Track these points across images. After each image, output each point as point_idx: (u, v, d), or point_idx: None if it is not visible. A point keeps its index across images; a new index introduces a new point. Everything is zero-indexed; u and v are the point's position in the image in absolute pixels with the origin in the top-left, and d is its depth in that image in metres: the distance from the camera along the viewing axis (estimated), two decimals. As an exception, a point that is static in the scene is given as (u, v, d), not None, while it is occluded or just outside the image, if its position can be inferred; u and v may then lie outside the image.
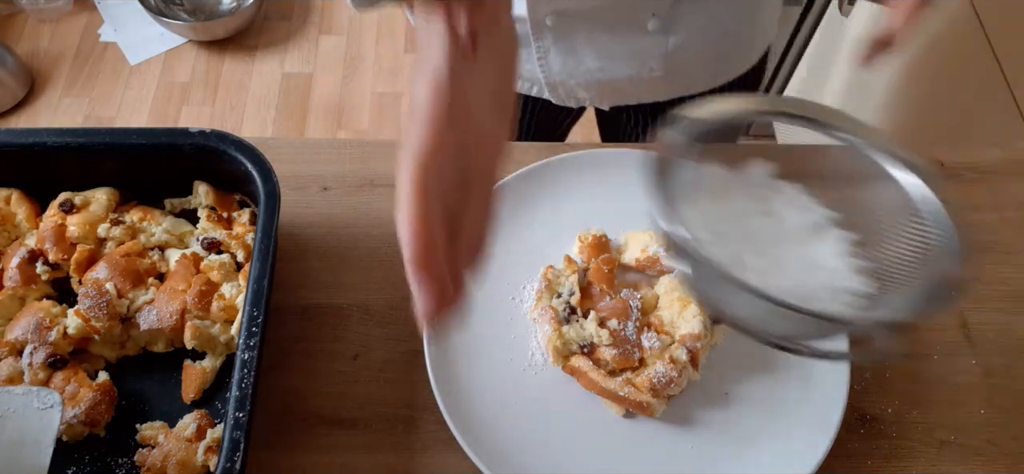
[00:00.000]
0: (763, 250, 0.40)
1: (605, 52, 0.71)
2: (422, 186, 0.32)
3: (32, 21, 2.12)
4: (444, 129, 0.33)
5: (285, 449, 0.56)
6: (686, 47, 0.71)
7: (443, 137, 0.33)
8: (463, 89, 0.34)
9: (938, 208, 0.39)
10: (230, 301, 0.58)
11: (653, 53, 0.71)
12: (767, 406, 0.57)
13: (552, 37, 0.70)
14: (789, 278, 0.40)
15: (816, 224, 0.42)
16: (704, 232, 0.40)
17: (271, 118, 1.97)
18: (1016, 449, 0.57)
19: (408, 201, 0.32)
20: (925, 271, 0.38)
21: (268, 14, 2.17)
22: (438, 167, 0.33)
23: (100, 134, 0.59)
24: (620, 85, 0.75)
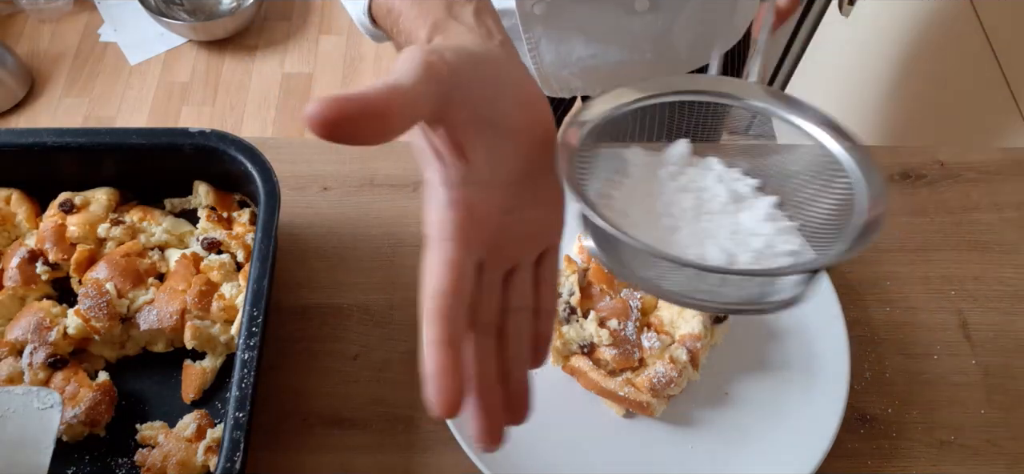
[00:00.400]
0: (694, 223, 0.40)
1: (595, 37, 0.71)
2: (442, 331, 0.28)
3: (32, 21, 2.12)
4: (456, 257, 0.29)
5: (285, 449, 0.56)
6: (674, 27, 0.72)
7: (457, 264, 0.29)
8: (473, 202, 0.31)
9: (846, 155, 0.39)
10: (230, 301, 0.58)
11: (642, 35, 0.72)
12: (767, 406, 0.57)
13: (542, 27, 0.70)
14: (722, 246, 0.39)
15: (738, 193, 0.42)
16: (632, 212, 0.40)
17: (271, 118, 1.97)
18: (1016, 449, 0.57)
19: (428, 346, 0.28)
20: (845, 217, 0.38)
21: (268, 14, 2.17)
22: (456, 303, 0.29)
23: (100, 134, 0.59)
24: (612, 70, 0.75)
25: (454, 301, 0.29)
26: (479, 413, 0.30)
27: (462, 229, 0.30)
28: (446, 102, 0.29)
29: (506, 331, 0.33)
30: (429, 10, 0.37)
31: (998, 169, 0.72)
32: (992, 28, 1.01)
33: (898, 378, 0.60)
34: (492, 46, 0.35)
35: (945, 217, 0.68)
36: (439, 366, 0.27)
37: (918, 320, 0.62)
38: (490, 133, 0.31)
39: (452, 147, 0.30)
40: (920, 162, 0.72)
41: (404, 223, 0.67)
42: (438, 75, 0.28)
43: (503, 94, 0.32)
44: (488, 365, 0.32)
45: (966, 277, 0.65)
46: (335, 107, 0.25)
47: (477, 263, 0.31)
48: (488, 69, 0.32)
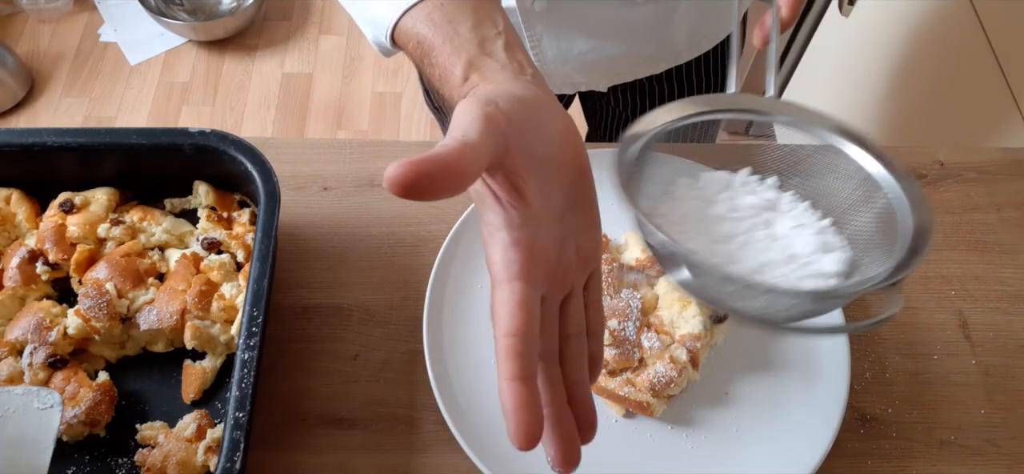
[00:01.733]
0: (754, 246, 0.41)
1: (596, 32, 0.72)
2: (518, 367, 0.29)
3: (32, 21, 2.12)
4: (525, 295, 0.31)
5: (285, 449, 0.56)
6: (673, 18, 0.72)
7: (527, 301, 0.31)
8: (532, 238, 0.32)
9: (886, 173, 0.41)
10: (230, 301, 0.58)
11: (642, 27, 0.72)
12: (767, 406, 0.57)
13: (543, 24, 0.70)
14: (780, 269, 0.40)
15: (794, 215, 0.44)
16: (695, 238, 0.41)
17: (271, 118, 1.97)
18: (1016, 449, 0.57)
19: (505, 382, 0.29)
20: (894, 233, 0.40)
21: (268, 14, 2.17)
22: (530, 338, 0.30)
23: (100, 134, 0.59)
24: (613, 63, 0.76)
25: (527, 338, 0.30)
26: (557, 440, 0.32)
27: (526, 268, 0.32)
28: (504, 150, 0.31)
29: (567, 356, 0.35)
30: (462, 46, 0.38)
31: (998, 169, 0.72)
32: (992, 28, 1.01)
33: (898, 378, 0.60)
34: (527, 82, 0.36)
35: (945, 217, 0.68)
36: (519, 401, 0.29)
37: (918, 320, 0.62)
38: (541, 172, 0.33)
39: (510, 190, 0.32)
40: (920, 162, 0.72)
41: (404, 223, 0.67)
42: (497, 126, 0.31)
43: (548, 133, 0.34)
44: (558, 393, 0.33)
45: (966, 277, 0.65)
46: (414, 169, 0.27)
47: (541, 297, 0.33)
48: (534, 111, 0.34)
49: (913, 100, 1.22)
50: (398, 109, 1.99)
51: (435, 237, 0.65)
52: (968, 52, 1.06)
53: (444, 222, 0.66)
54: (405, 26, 0.42)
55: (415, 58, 0.43)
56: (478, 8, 0.40)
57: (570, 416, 0.33)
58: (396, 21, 0.42)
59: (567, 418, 0.33)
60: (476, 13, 0.40)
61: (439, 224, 0.66)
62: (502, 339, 0.30)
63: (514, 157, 0.32)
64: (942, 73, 1.14)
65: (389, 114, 1.98)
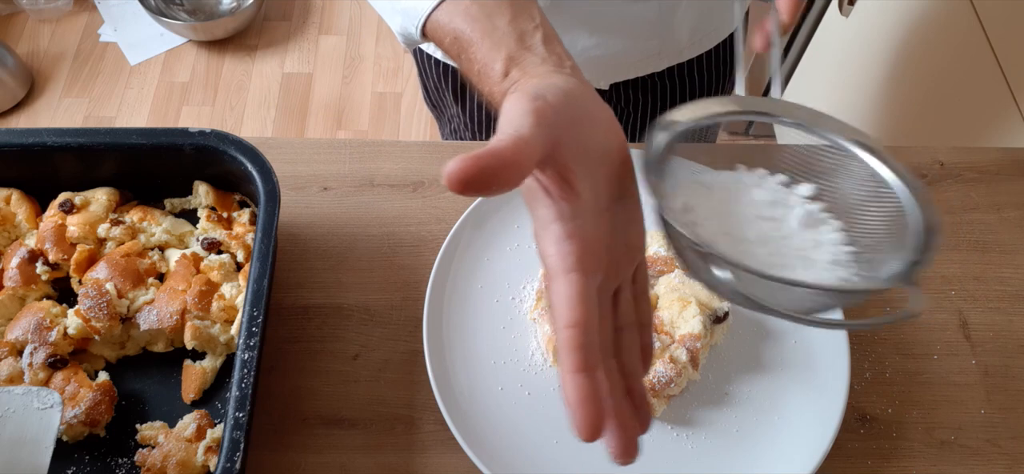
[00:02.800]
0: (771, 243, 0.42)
1: (599, 28, 0.72)
2: (581, 359, 0.30)
3: (32, 21, 2.12)
4: (583, 287, 0.31)
5: (285, 449, 0.56)
6: (675, 14, 0.72)
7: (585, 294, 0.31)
8: (585, 230, 0.32)
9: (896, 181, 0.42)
10: (230, 301, 0.58)
11: (644, 23, 0.72)
12: (767, 406, 0.57)
13: None
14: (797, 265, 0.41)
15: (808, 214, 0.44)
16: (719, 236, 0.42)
17: (271, 118, 1.97)
18: (1016, 449, 0.57)
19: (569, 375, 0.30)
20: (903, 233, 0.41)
21: (268, 14, 2.17)
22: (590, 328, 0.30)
23: (100, 134, 0.59)
24: (616, 60, 0.76)
25: (587, 330, 0.30)
26: (617, 431, 0.32)
27: (581, 260, 0.31)
28: (554, 143, 0.31)
29: (621, 348, 0.35)
30: (502, 41, 0.38)
31: (998, 169, 0.72)
32: (992, 28, 1.01)
33: (898, 378, 0.60)
34: (569, 75, 0.36)
35: (945, 217, 0.68)
36: (582, 394, 0.29)
37: (918, 320, 0.62)
38: (589, 163, 0.33)
39: (560, 183, 0.32)
40: (920, 162, 0.72)
41: (404, 223, 0.67)
42: (546, 120, 0.31)
43: (594, 125, 0.34)
44: (616, 385, 0.33)
45: (966, 277, 0.65)
46: (474, 164, 0.27)
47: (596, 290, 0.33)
48: (579, 104, 0.34)
49: (913, 100, 1.22)
50: (398, 109, 1.99)
51: (435, 237, 0.65)
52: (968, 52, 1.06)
53: (444, 222, 0.66)
54: (440, 20, 0.42)
55: (451, 53, 0.42)
56: (515, 1, 0.40)
57: (628, 407, 0.33)
58: (429, 13, 0.42)
59: (625, 409, 0.33)
60: (513, 6, 0.39)
61: (439, 224, 0.66)
62: (564, 331, 0.30)
63: (564, 150, 0.32)
64: (942, 73, 1.14)
65: (389, 114, 1.98)
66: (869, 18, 1.31)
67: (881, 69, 1.29)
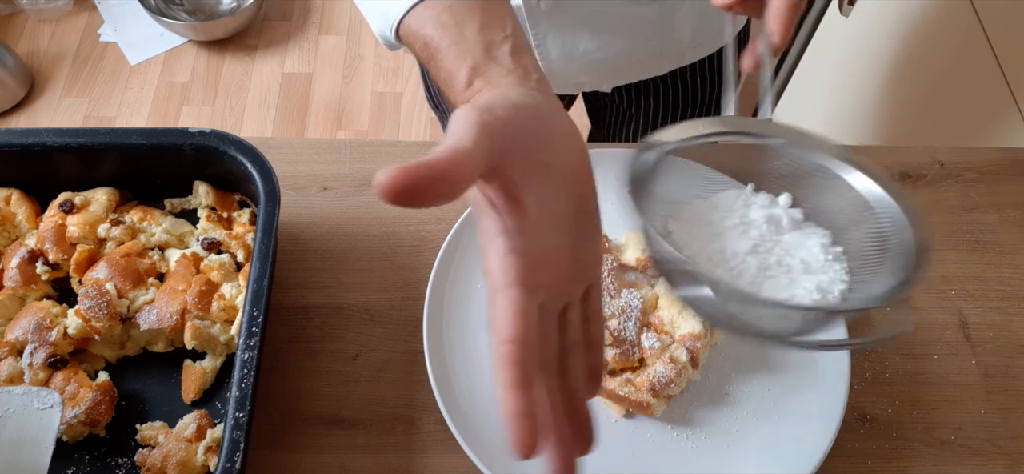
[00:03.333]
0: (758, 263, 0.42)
1: (600, 29, 0.72)
2: (517, 374, 0.29)
3: (32, 21, 2.12)
4: (523, 303, 0.31)
5: (285, 449, 0.56)
6: (678, 14, 0.72)
7: (524, 309, 0.31)
8: (530, 246, 0.32)
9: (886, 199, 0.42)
10: (230, 301, 0.58)
11: (646, 25, 0.72)
12: (767, 406, 0.57)
13: (548, 22, 0.71)
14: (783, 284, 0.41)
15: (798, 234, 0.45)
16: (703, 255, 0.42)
17: (271, 118, 1.97)
18: (1016, 449, 0.57)
19: (504, 391, 0.29)
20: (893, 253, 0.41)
21: (268, 14, 2.16)
22: (528, 345, 0.30)
23: (100, 134, 0.59)
24: (618, 63, 0.76)
25: (526, 347, 0.30)
26: (555, 450, 0.32)
27: (523, 276, 0.31)
28: (500, 157, 0.30)
29: (566, 367, 0.34)
30: (468, 51, 0.38)
31: (998, 169, 0.72)
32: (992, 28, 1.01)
33: (898, 378, 0.60)
34: (532, 89, 0.36)
35: (945, 217, 0.68)
36: (516, 409, 0.29)
37: (918, 320, 0.62)
38: (541, 179, 0.33)
39: (506, 198, 0.32)
40: (920, 162, 0.72)
41: (404, 223, 0.67)
42: (492, 132, 0.30)
43: (550, 139, 0.34)
44: (556, 403, 0.33)
45: (966, 277, 0.65)
46: (404, 175, 0.26)
47: (539, 306, 0.32)
48: (534, 118, 0.33)
49: (913, 100, 1.22)
50: (398, 109, 1.99)
51: (435, 237, 0.65)
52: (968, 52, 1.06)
53: (444, 222, 0.66)
54: (411, 25, 0.41)
55: (421, 59, 0.42)
56: (487, 9, 0.39)
57: (567, 427, 0.33)
58: (402, 17, 0.42)
59: (565, 429, 0.33)
60: (484, 15, 0.39)
61: (439, 224, 0.66)
62: (500, 346, 0.30)
63: (511, 164, 0.31)
64: (942, 73, 1.14)
65: (389, 114, 1.98)
66: (869, 18, 1.31)
67: (881, 69, 1.29)
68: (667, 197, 0.44)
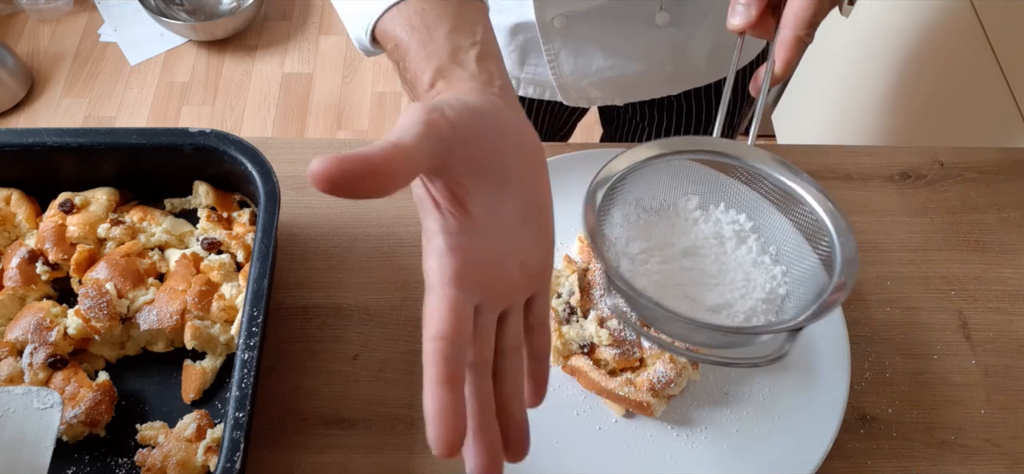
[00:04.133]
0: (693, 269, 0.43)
1: (614, 49, 0.71)
2: (442, 370, 0.30)
3: (32, 21, 2.12)
4: (455, 299, 0.31)
5: (285, 449, 0.56)
6: (694, 38, 0.71)
7: (456, 305, 0.31)
8: (471, 247, 0.32)
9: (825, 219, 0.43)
10: (230, 301, 0.58)
11: (662, 47, 0.71)
12: (767, 406, 0.57)
13: (561, 40, 0.70)
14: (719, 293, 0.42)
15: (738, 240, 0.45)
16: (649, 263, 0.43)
17: (271, 118, 1.97)
18: (1016, 449, 0.57)
19: (429, 385, 0.29)
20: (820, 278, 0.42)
21: (268, 14, 2.17)
22: (456, 342, 0.30)
23: (100, 134, 0.59)
24: (631, 81, 0.75)
25: (454, 343, 0.30)
26: (478, 449, 0.31)
27: (460, 275, 0.32)
28: (446, 156, 0.31)
29: (501, 371, 0.34)
30: (434, 54, 0.38)
31: (998, 169, 0.72)
32: (992, 28, 1.01)
33: (898, 378, 0.60)
34: (492, 95, 0.36)
35: (945, 217, 0.68)
36: (440, 405, 0.29)
37: (918, 320, 0.62)
38: (490, 182, 0.33)
39: (450, 198, 0.32)
40: (920, 162, 0.72)
41: (404, 223, 0.67)
42: (438, 131, 0.30)
43: (504, 144, 0.34)
44: (486, 403, 0.33)
45: (966, 277, 0.65)
46: (337, 165, 0.27)
47: (475, 306, 0.32)
48: (488, 121, 0.34)
49: (913, 100, 1.22)
50: (398, 109, 1.99)
51: (435, 237, 0.65)
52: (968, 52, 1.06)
53: (444, 222, 0.66)
54: (385, 27, 0.42)
55: (392, 59, 0.42)
56: (459, 14, 0.39)
57: (495, 429, 0.33)
58: (377, 19, 0.42)
59: (492, 430, 0.32)
60: (456, 19, 0.39)
61: (439, 224, 0.66)
62: (429, 342, 0.30)
63: (457, 165, 0.31)
64: (942, 73, 1.14)
65: (389, 114, 1.98)
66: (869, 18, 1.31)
67: (881, 69, 1.29)
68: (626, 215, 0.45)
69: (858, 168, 0.71)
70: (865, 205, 0.69)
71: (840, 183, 0.70)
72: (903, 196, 0.70)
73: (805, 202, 0.43)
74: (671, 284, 0.42)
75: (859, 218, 0.68)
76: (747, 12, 0.45)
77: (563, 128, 0.96)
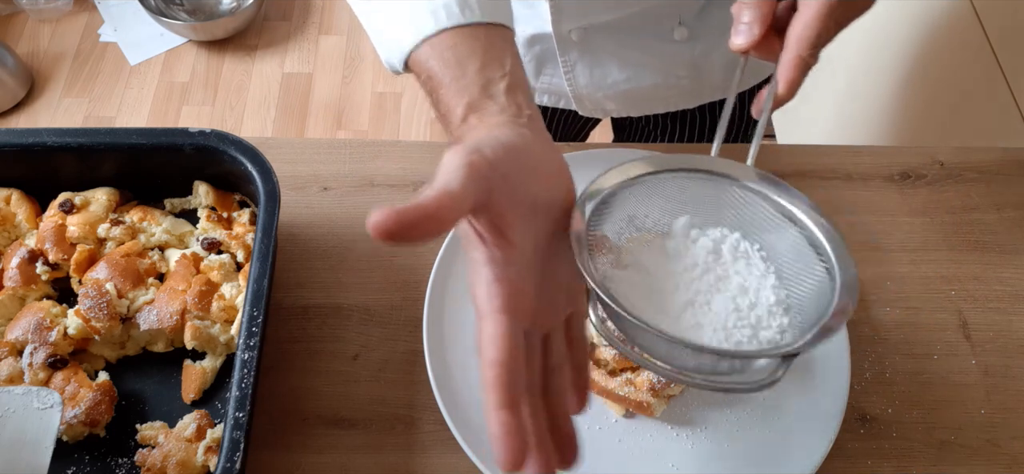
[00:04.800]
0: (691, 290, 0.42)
1: (631, 63, 0.71)
2: (504, 395, 0.32)
3: (32, 21, 2.12)
4: (508, 328, 0.33)
5: (285, 449, 0.56)
6: (712, 53, 0.71)
7: (510, 334, 0.33)
8: (517, 276, 0.34)
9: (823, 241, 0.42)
10: (230, 301, 0.58)
11: (679, 61, 0.71)
12: (767, 406, 0.57)
13: (578, 51, 0.70)
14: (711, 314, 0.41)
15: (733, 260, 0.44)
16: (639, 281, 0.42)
17: (271, 118, 1.97)
18: (1016, 449, 0.57)
19: (492, 411, 0.31)
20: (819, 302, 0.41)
21: (268, 14, 2.16)
22: (514, 368, 0.32)
23: (100, 134, 0.59)
24: (647, 94, 0.75)
25: (512, 369, 0.32)
26: (538, 465, 0.34)
27: (508, 303, 0.34)
28: (487, 194, 0.33)
29: (549, 387, 0.37)
30: (466, 88, 0.40)
31: (998, 169, 0.72)
32: (992, 28, 1.01)
33: (898, 378, 0.60)
34: (522, 127, 0.38)
35: (945, 217, 0.68)
36: (505, 428, 0.31)
37: (918, 320, 0.62)
38: (526, 212, 0.35)
39: (494, 231, 0.34)
40: (920, 162, 0.72)
41: (404, 223, 0.67)
42: (480, 172, 0.32)
43: (536, 176, 0.37)
44: (540, 422, 0.35)
45: (966, 277, 0.65)
46: (396, 218, 0.29)
47: (524, 332, 0.35)
48: (522, 156, 0.36)
49: (913, 100, 1.22)
50: (398, 109, 1.99)
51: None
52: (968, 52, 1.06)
53: (444, 222, 0.66)
54: (419, 58, 0.43)
55: (425, 90, 0.43)
56: (488, 48, 0.41)
57: (549, 443, 0.35)
58: (410, 52, 0.43)
59: (546, 444, 0.35)
60: (486, 54, 0.41)
61: (439, 224, 0.66)
62: (488, 369, 0.32)
63: (498, 201, 0.33)
64: (942, 73, 1.14)
65: (389, 114, 1.98)
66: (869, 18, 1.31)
67: (881, 69, 1.29)
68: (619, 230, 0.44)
69: (858, 168, 0.71)
70: (865, 205, 0.69)
71: (840, 183, 0.70)
72: (903, 196, 0.70)
73: (803, 223, 0.43)
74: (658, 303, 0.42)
75: (859, 218, 0.68)
76: (750, 31, 0.45)
77: (578, 136, 0.96)
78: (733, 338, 0.40)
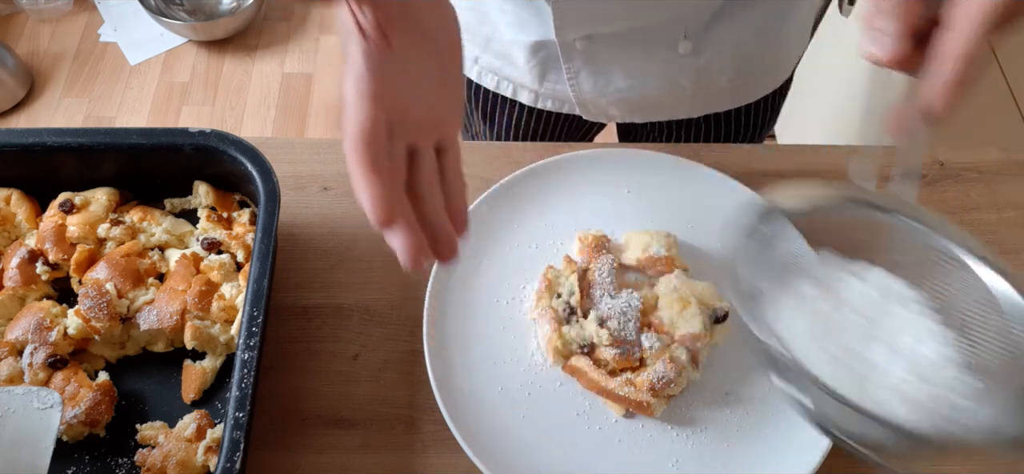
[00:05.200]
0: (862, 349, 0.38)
1: (635, 71, 0.71)
2: (367, 157, 0.35)
3: (32, 21, 2.12)
4: (372, 111, 0.36)
5: (285, 449, 0.56)
6: (717, 64, 0.71)
7: (373, 115, 0.36)
8: (387, 77, 0.37)
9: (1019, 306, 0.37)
10: (230, 301, 0.58)
11: (684, 72, 0.71)
12: (767, 406, 0.57)
13: (582, 59, 0.70)
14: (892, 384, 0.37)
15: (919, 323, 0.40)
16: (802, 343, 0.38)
17: (271, 118, 1.97)
18: (1016, 449, 0.57)
19: (359, 173, 0.35)
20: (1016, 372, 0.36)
21: (268, 14, 2.16)
22: (376, 139, 0.35)
23: (100, 134, 0.59)
24: (651, 102, 0.75)
25: (376, 142, 0.35)
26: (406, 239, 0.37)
27: (376, 95, 0.36)
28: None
29: (421, 196, 0.39)
30: None
31: (998, 169, 0.72)
32: (992, 28, 1.01)
33: (898, 378, 0.59)
34: None
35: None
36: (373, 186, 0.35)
37: (918, 320, 0.62)
38: (411, 28, 0.38)
39: (376, 29, 0.36)
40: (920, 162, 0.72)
41: (404, 223, 0.67)
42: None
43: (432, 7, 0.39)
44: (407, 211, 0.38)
45: (966, 277, 0.65)
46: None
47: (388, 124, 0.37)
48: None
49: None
50: (398, 109, 1.99)
51: (435, 237, 0.65)
52: (968, 52, 1.05)
53: (444, 222, 0.66)
54: None
55: None
56: None
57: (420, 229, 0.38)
58: None
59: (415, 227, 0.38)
60: None
61: (439, 224, 0.66)
62: (349, 139, 0.35)
63: (389, 4, 0.36)
64: (942, 73, 1.14)
65: (389, 114, 1.98)
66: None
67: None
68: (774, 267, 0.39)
69: (858, 168, 0.71)
70: (865, 205, 0.69)
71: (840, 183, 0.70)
72: (903, 196, 0.70)
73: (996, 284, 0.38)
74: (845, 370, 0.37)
75: (859, 218, 0.68)
76: (890, 45, 0.38)
77: (582, 140, 0.96)
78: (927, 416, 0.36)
